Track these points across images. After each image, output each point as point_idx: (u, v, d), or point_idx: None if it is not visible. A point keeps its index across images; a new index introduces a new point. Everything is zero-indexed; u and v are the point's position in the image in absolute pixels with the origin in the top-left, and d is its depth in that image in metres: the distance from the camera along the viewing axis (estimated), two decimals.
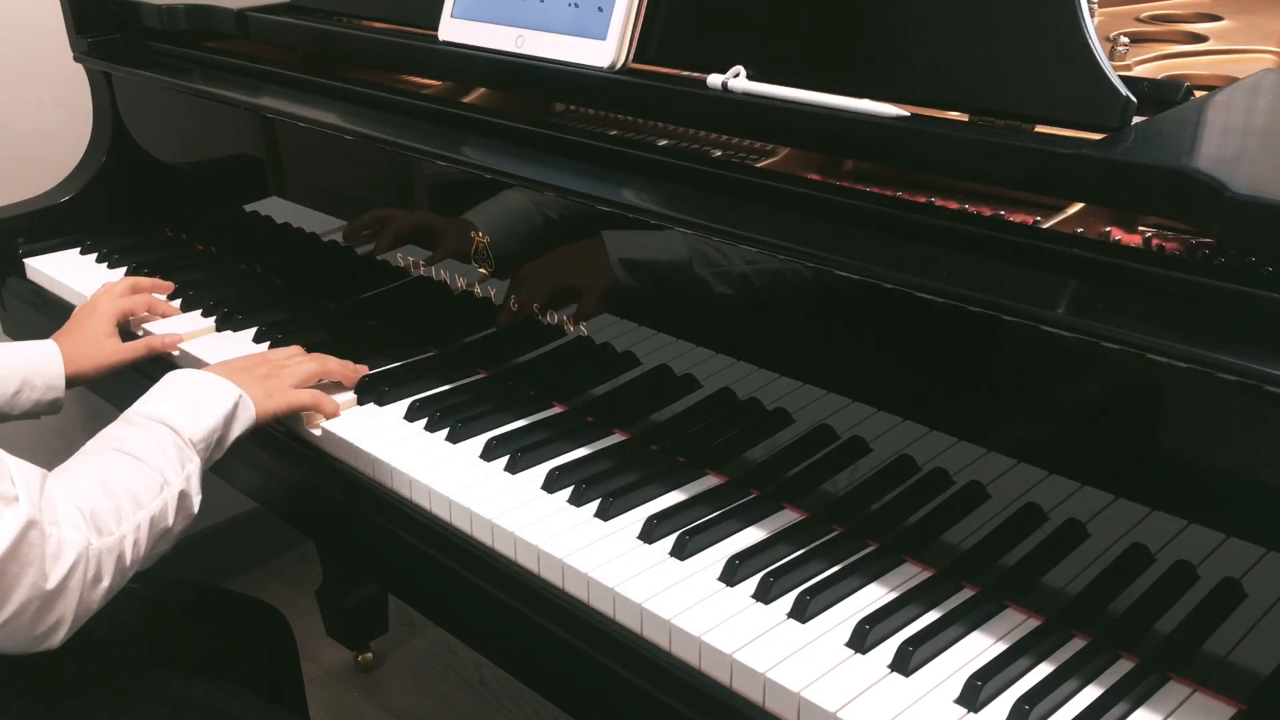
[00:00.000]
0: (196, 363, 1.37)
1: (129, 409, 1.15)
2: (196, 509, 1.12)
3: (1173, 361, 0.77)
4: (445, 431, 1.19)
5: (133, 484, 1.05)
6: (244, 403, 1.19)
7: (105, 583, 1.00)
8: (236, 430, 1.18)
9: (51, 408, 1.37)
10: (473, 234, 1.25)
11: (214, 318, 1.49)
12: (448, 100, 1.40)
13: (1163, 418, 0.83)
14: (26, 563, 0.93)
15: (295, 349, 1.32)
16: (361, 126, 1.34)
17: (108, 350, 1.40)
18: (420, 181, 1.33)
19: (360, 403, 1.27)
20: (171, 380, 1.19)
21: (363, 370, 1.29)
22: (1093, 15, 0.93)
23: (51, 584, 0.95)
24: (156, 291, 1.52)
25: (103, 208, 1.79)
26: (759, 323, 1.05)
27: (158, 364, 1.41)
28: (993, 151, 0.94)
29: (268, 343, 1.41)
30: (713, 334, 1.08)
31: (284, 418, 1.24)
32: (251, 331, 1.43)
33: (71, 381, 1.37)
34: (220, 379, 1.20)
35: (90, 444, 1.10)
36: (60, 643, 0.98)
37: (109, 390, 1.50)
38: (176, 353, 1.42)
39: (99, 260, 1.69)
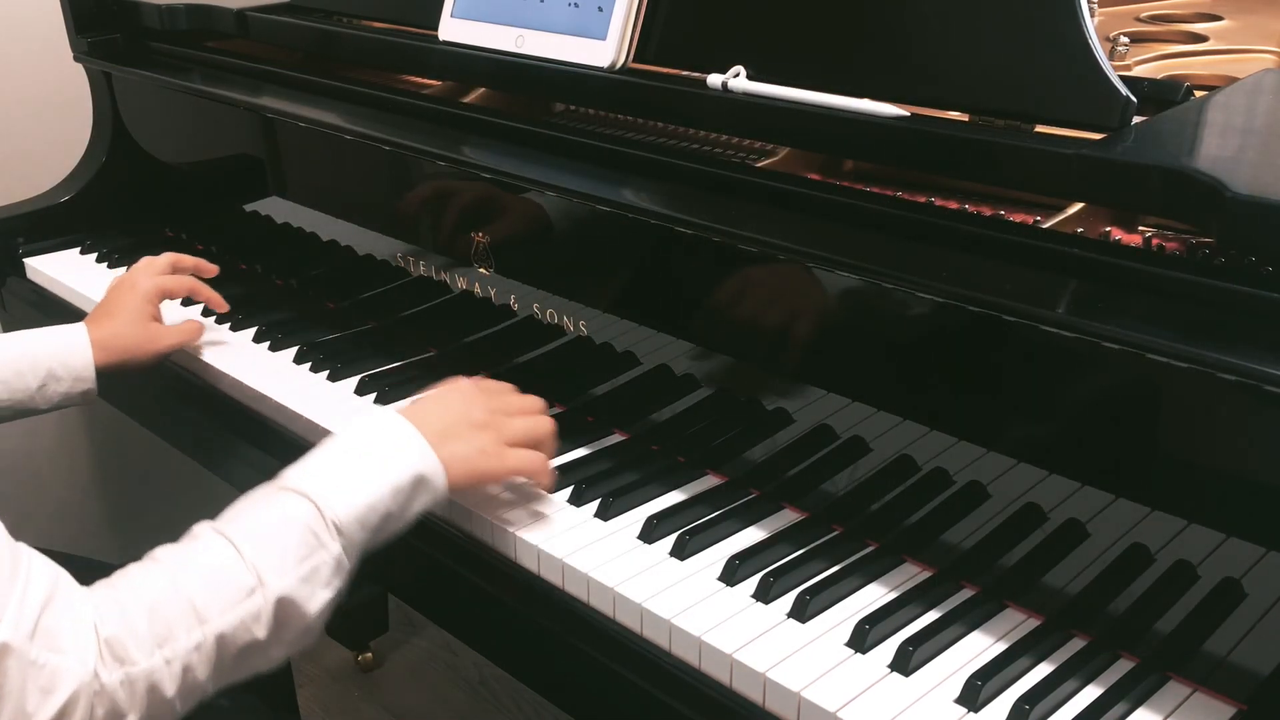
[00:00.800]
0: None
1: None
2: (316, 617, 0.87)
3: (1173, 361, 0.77)
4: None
5: (204, 588, 0.84)
6: (431, 472, 0.95)
7: (131, 717, 0.80)
8: (418, 505, 0.95)
9: (84, 399, 1.26)
10: (475, 235, 1.25)
11: (213, 316, 1.49)
12: (448, 100, 1.40)
13: (1163, 418, 0.83)
14: (1, 697, 0.75)
15: (510, 386, 1.09)
16: (361, 126, 1.34)
17: (147, 334, 1.27)
18: (420, 181, 1.33)
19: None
20: (348, 430, 0.97)
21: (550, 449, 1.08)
22: (1093, 15, 0.93)
23: None
24: (200, 272, 1.39)
25: (103, 208, 1.79)
26: (759, 323, 1.05)
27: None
28: (993, 151, 0.94)
29: (267, 343, 1.41)
30: (713, 334, 1.08)
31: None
32: (251, 331, 1.43)
33: (105, 370, 1.26)
34: (411, 433, 0.96)
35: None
36: None
37: (118, 393, 1.44)
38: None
39: (99, 260, 1.69)
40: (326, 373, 1.33)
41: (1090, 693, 0.85)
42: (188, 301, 1.52)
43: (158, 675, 0.80)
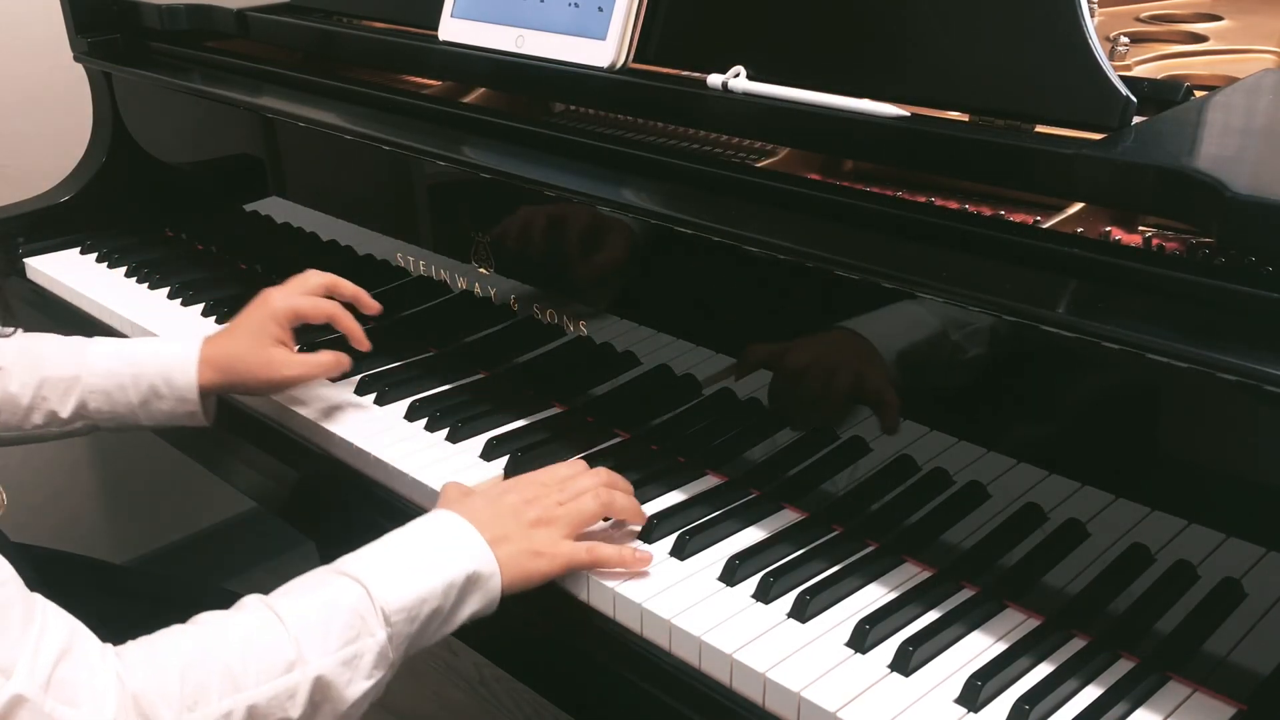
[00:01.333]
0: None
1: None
2: (352, 707, 0.84)
3: (1173, 361, 0.77)
4: (445, 431, 1.19)
5: (242, 658, 0.80)
6: (484, 570, 0.91)
7: None
8: (470, 606, 0.91)
9: (191, 419, 1.16)
10: (477, 235, 1.25)
11: (214, 316, 1.49)
12: (448, 100, 1.40)
13: (1163, 418, 0.83)
14: None
15: (577, 464, 1.04)
16: (361, 126, 1.34)
17: (264, 359, 1.15)
18: (420, 181, 1.33)
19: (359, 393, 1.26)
20: (407, 526, 0.93)
21: (644, 517, 1.02)
22: (1093, 15, 0.93)
23: None
24: (358, 303, 1.22)
25: (103, 208, 1.79)
26: (759, 323, 1.05)
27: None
28: (993, 151, 0.93)
29: None
30: (713, 334, 1.08)
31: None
32: None
33: (212, 391, 1.15)
34: (466, 528, 0.92)
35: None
36: None
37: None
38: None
39: (99, 260, 1.69)
40: None
41: (1090, 693, 0.85)
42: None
43: None
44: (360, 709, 0.85)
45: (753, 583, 0.96)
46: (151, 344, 1.18)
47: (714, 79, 1.10)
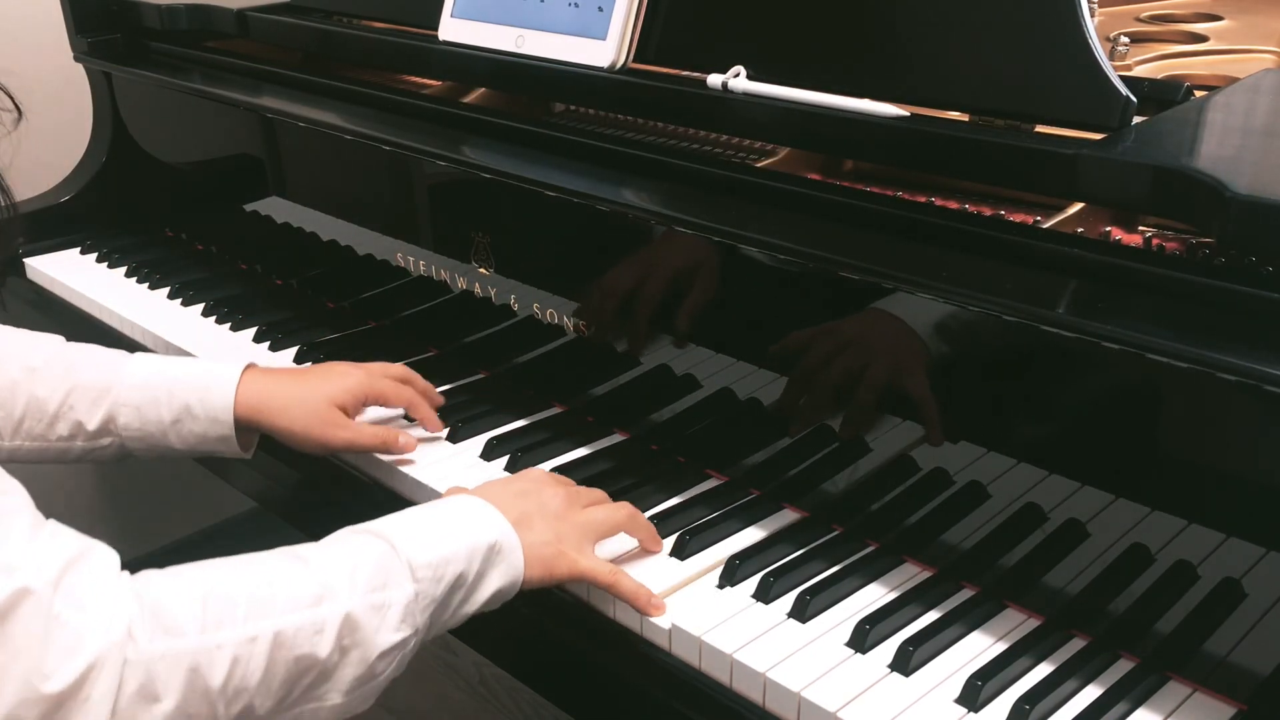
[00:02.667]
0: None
1: None
2: (384, 655, 0.81)
3: (1173, 361, 0.77)
4: (445, 431, 1.19)
5: (268, 584, 0.78)
6: (507, 543, 0.89)
7: (166, 703, 0.72)
8: (494, 580, 0.88)
9: (224, 445, 1.09)
10: (477, 235, 1.25)
11: (213, 316, 1.49)
12: (448, 100, 1.40)
13: (1163, 418, 0.83)
14: (14, 648, 0.68)
15: (599, 493, 1.01)
16: (361, 126, 1.34)
17: (321, 417, 1.08)
18: (420, 181, 1.33)
19: None
20: (428, 503, 0.93)
21: (659, 542, 1.00)
22: (1093, 15, 0.93)
23: (55, 686, 0.68)
24: (428, 397, 1.19)
25: (103, 208, 1.79)
26: (759, 323, 1.05)
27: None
28: (993, 151, 0.93)
29: (267, 343, 1.41)
30: (713, 334, 1.08)
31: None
32: (252, 331, 1.43)
33: (251, 420, 1.09)
34: (482, 504, 0.91)
35: None
36: None
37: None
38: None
39: (99, 260, 1.69)
40: None
41: (1090, 693, 0.85)
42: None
43: (204, 659, 0.73)
44: (390, 667, 0.83)
45: (753, 583, 0.96)
46: (193, 362, 1.12)
47: (714, 79, 1.10)
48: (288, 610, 0.77)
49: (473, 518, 0.90)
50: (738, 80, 1.08)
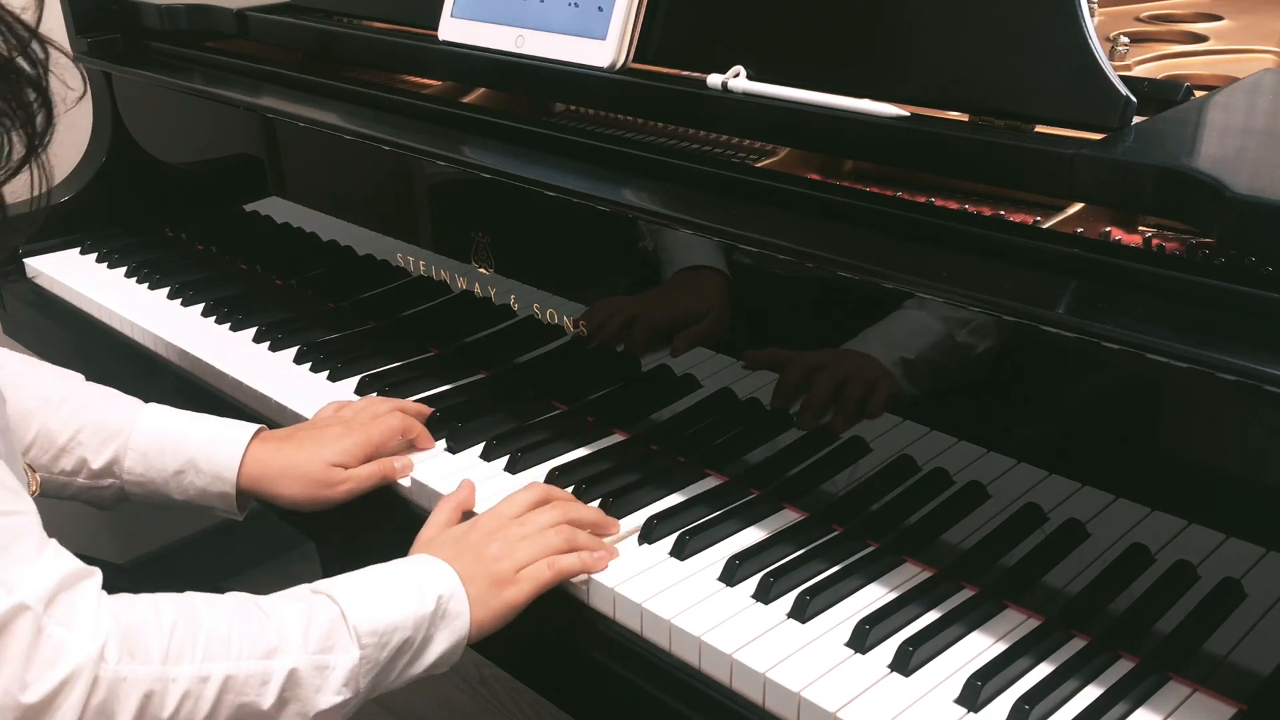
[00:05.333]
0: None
1: None
2: (321, 715, 0.85)
3: (1173, 361, 0.77)
4: (445, 431, 1.19)
5: (228, 629, 0.82)
6: (454, 606, 0.92)
7: None
8: (440, 642, 0.91)
9: (222, 503, 1.11)
10: (477, 235, 1.25)
11: (213, 316, 1.49)
12: (448, 100, 1.40)
13: (1163, 418, 0.83)
14: (3, 659, 0.73)
15: (540, 495, 1.03)
16: (361, 126, 1.34)
17: (319, 482, 1.10)
18: (420, 181, 1.33)
19: None
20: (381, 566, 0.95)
21: (615, 552, 1.00)
22: (1093, 15, 0.93)
23: (32, 697, 0.73)
24: (420, 417, 1.20)
25: (103, 208, 1.79)
26: (759, 323, 1.05)
27: None
28: (993, 151, 0.93)
29: (267, 343, 1.41)
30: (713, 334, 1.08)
31: None
32: (252, 331, 1.43)
33: (253, 485, 1.10)
34: (433, 565, 0.94)
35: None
36: None
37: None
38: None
39: (99, 260, 1.69)
40: (327, 373, 1.33)
41: (1090, 693, 0.85)
42: (194, 302, 1.52)
43: (159, 687, 0.78)
44: None
45: (753, 583, 0.96)
46: (206, 419, 1.14)
47: (714, 79, 1.10)
48: (242, 657, 0.82)
49: (422, 579, 0.92)
50: (738, 80, 1.08)
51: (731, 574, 0.97)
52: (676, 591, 0.96)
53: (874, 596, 0.95)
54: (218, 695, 0.80)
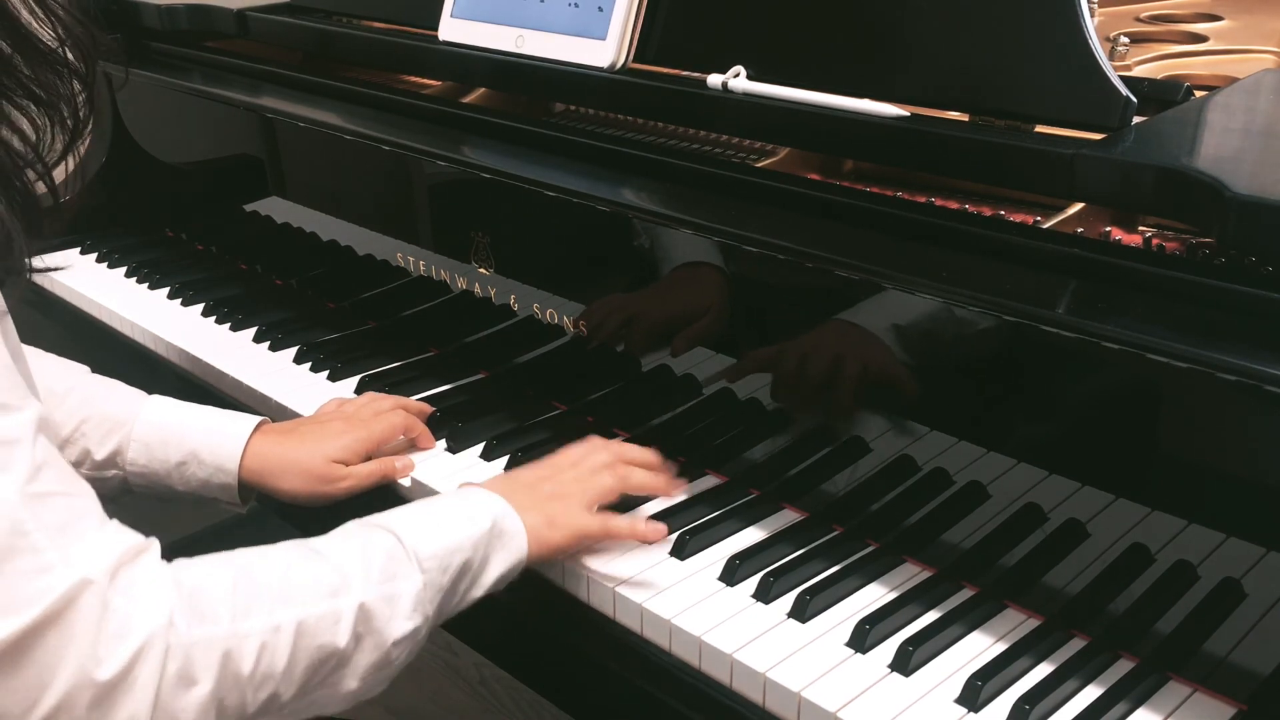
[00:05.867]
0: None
1: None
2: (398, 643, 0.85)
3: (1173, 361, 0.77)
4: (445, 431, 1.19)
5: (288, 576, 0.82)
6: (509, 525, 0.93)
7: (202, 687, 0.75)
8: (498, 563, 0.92)
9: (225, 494, 1.12)
10: (477, 235, 1.25)
11: (213, 316, 1.49)
12: (448, 100, 1.40)
13: (1163, 418, 0.83)
14: (71, 636, 0.71)
15: (593, 443, 1.04)
16: (361, 126, 1.34)
17: (319, 472, 1.10)
18: (420, 181, 1.33)
19: None
20: (429, 499, 0.96)
21: (679, 484, 1.05)
22: (1093, 15, 0.93)
23: (106, 673, 0.71)
24: (421, 415, 1.20)
25: (103, 208, 1.79)
26: (759, 323, 1.05)
27: None
28: (993, 151, 0.94)
29: (267, 342, 1.41)
30: (713, 334, 1.08)
31: None
32: (252, 331, 1.43)
33: (255, 475, 1.10)
34: (483, 491, 0.96)
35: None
36: None
37: None
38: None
39: (99, 260, 1.69)
40: (327, 373, 1.33)
41: (1090, 693, 0.85)
42: (185, 299, 1.52)
43: (235, 644, 0.77)
44: (403, 654, 0.86)
45: (753, 583, 0.96)
46: (209, 411, 1.14)
47: (714, 79, 1.10)
48: (308, 601, 0.81)
49: (471, 504, 0.93)
50: (738, 80, 1.08)
51: (731, 574, 0.97)
52: (676, 591, 0.96)
53: (874, 596, 0.95)
54: (293, 641, 0.79)
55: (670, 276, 1.09)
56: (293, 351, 1.38)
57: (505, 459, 1.14)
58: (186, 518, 1.10)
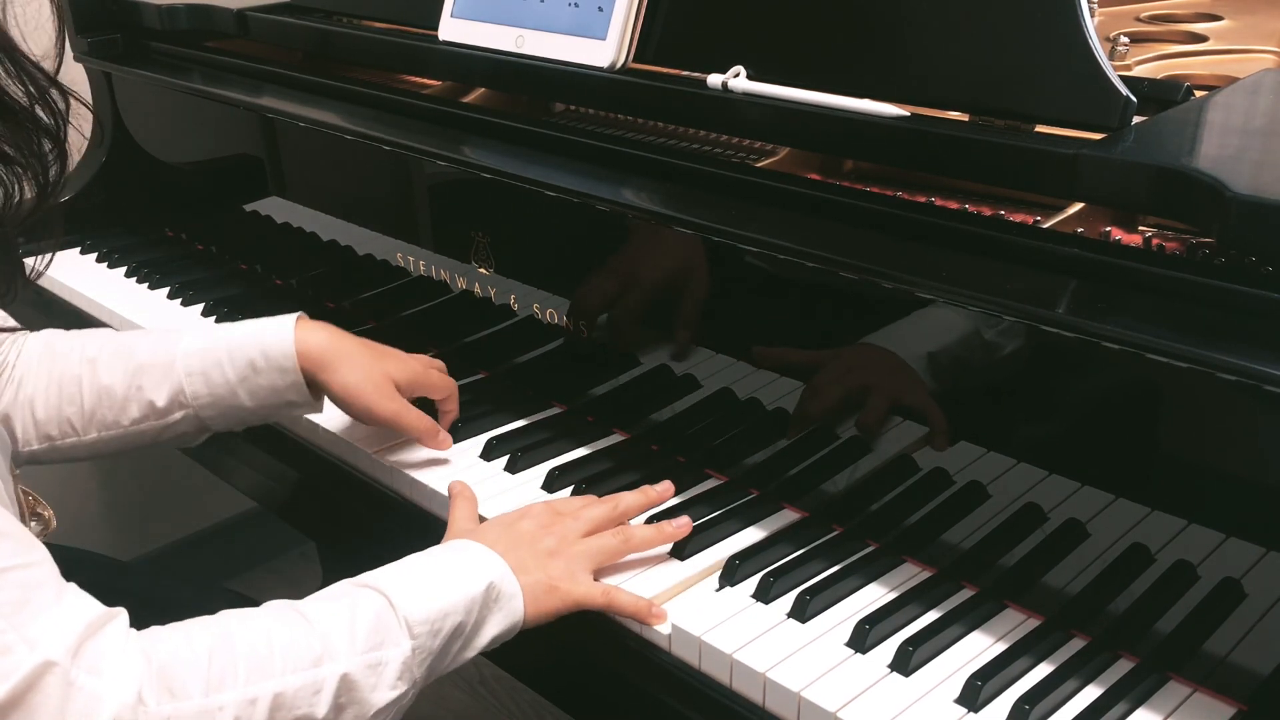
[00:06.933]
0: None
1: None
2: (380, 711, 0.82)
3: (1173, 361, 0.77)
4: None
5: (270, 644, 0.79)
6: (507, 588, 0.90)
7: None
8: (493, 626, 0.89)
9: (296, 393, 1.09)
10: (477, 235, 1.25)
11: (214, 316, 1.49)
12: (448, 100, 1.40)
13: (1163, 418, 0.83)
14: (35, 718, 0.70)
15: (589, 499, 1.02)
16: (361, 126, 1.34)
17: (377, 386, 1.09)
18: (420, 181, 1.33)
19: None
20: (426, 551, 0.93)
21: (683, 529, 1.00)
22: (1093, 15, 0.93)
23: None
24: (453, 397, 1.19)
25: (103, 208, 1.79)
26: (759, 323, 1.05)
27: None
28: (993, 151, 0.93)
29: None
30: (713, 334, 1.08)
31: None
32: None
33: (317, 375, 1.08)
34: (481, 548, 0.92)
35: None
36: None
37: None
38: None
39: (99, 260, 1.69)
40: None
41: (1090, 693, 0.85)
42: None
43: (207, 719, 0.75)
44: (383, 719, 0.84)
45: (753, 583, 0.96)
46: (246, 322, 1.11)
47: (714, 79, 1.10)
48: (287, 671, 0.79)
49: (471, 563, 0.90)
50: (738, 80, 1.08)
51: (731, 574, 0.97)
52: (676, 591, 0.96)
53: (874, 596, 0.95)
54: (269, 715, 0.77)
55: (639, 251, 1.09)
56: None
57: (505, 459, 1.14)
58: (197, 512, 1.10)
